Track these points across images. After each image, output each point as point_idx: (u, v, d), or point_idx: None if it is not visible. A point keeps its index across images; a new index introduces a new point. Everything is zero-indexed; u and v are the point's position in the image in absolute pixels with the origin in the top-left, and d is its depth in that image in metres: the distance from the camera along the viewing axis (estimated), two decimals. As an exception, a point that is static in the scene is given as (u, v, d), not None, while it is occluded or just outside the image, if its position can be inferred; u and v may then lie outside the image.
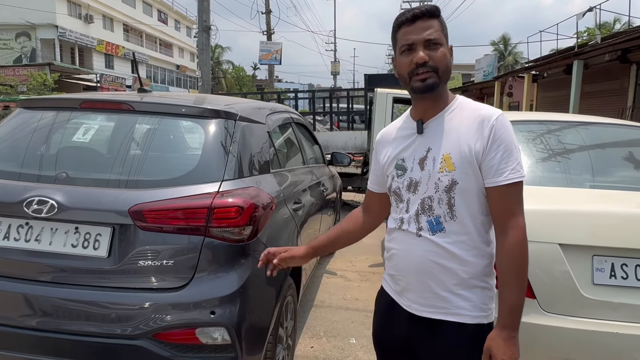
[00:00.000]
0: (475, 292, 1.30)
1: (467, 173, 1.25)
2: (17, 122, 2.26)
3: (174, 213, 1.84)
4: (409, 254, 1.34)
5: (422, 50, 1.25)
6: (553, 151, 2.68)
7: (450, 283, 1.29)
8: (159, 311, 1.81)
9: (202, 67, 8.17)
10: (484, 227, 1.30)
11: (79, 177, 1.97)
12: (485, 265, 1.30)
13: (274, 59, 20.90)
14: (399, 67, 1.32)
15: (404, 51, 1.28)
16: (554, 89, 15.16)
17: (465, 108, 1.32)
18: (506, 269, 1.24)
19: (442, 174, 1.26)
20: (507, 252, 1.23)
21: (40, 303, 1.85)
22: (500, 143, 1.23)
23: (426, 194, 1.29)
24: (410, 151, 1.35)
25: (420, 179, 1.31)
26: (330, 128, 8.17)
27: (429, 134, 1.32)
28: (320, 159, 4.46)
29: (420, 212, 1.30)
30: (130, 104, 2.16)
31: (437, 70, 1.26)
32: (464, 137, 1.26)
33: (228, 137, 2.13)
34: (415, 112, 1.38)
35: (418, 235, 1.31)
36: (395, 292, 1.43)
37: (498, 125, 1.24)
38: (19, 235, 1.89)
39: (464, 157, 1.25)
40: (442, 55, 1.26)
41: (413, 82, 1.28)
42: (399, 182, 1.36)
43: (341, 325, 3.37)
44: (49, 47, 29.61)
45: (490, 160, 1.23)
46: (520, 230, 1.23)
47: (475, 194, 1.27)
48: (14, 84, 21.43)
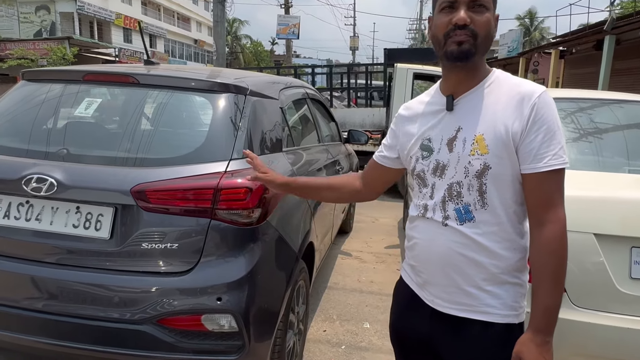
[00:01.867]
0: (506, 288, 1.17)
1: (501, 157, 1.10)
2: (20, 94, 2.17)
3: (178, 194, 1.74)
4: (432, 244, 1.21)
5: (465, 10, 1.10)
6: (586, 131, 2.48)
7: (478, 278, 1.16)
8: (163, 296, 1.73)
9: (216, 39, 7.95)
10: (517, 217, 1.16)
11: (80, 154, 1.87)
12: (518, 259, 1.17)
13: (292, 33, 20.48)
14: (434, 27, 1.17)
15: (443, 8, 1.13)
16: (582, 66, 14.53)
17: (504, 83, 1.16)
18: (542, 266, 1.10)
19: (473, 157, 1.12)
20: (544, 247, 1.09)
21: (41, 284, 1.79)
22: (542, 124, 1.08)
23: (454, 179, 1.16)
24: (437, 130, 1.20)
25: (448, 162, 1.17)
26: (347, 105, 7.95)
27: (459, 111, 1.17)
28: (337, 137, 4.31)
29: (448, 199, 1.17)
30: (135, 77, 2.04)
31: (477, 36, 1.10)
32: (500, 116, 1.11)
33: (238, 113, 2.00)
34: (446, 86, 1.22)
35: (444, 224, 1.18)
36: (416, 284, 1.31)
37: (541, 103, 1.09)
38: (19, 214, 1.82)
39: (499, 138, 1.10)
40: (486, 20, 1.11)
41: (447, 45, 1.12)
42: (423, 165, 1.22)
43: (355, 308, 3.28)
44: (68, 20, 29.64)
45: (530, 143, 1.09)
46: (560, 224, 1.09)
47: (509, 180, 1.13)
48: (34, 58, 21.54)
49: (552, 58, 14.98)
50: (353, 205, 5.06)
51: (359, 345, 2.80)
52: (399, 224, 5.48)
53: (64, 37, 24.66)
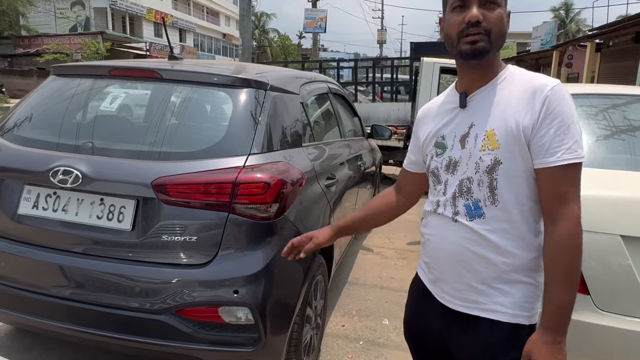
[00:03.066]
0: (518, 287, 1.14)
1: (512, 152, 1.08)
2: (49, 89, 2.24)
3: (197, 187, 1.77)
4: (443, 240, 1.20)
5: (477, 7, 1.08)
6: (618, 129, 2.38)
7: (488, 275, 1.14)
8: (182, 287, 1.77)
9: (242, 33, 8.01)
10: (532, 215, 1.12)
11: (105, 147, 1.93)
12: (532, 258, 1.13)
13: (319, 27, 20.42)
14: (447, 27, 1.15)
15: (455, 7, 1.12)
16: (619, 59, 13.95)
17: (517, 78, 1.14)
18: (555, 262, 1.07)
19: (483, 152, 1.11)
20: (557, 243, 1.06)
21: (66, 273, 1.85)
22: (554, 117, 1.05)
23: (465, 175, 1.14)
24: (451, 127, 1.20)
25: (460, 158, 1.16)
26: (372, 99, 7.89)
27: (472, 108, 1.17)
28: (360, 132, 4.28)
29: (458, 195, 1.16)
30: (158, 72, 2.08)
31: (490, 33, 1.09)
32: (511, 110, 1.09)
33: (257, 108, 2.01)
34: (461, 84, 1.21)
35: (454, 220, 1.16)
36: (429, 280, 1.30)
37: (553, 96, 1.06)
38: (47, 205, 1.89)
39: (509, 133, 1.08)
40: (499, 17, 1.10)
41: (461, 45, 1.11)
42: (437, 162, 1.22)
43: (374, 304, 3.27)
44: (102, 15, 30.45)
45: (542, 137, 1.06)
46: (573, 220, 1.06)
47: (522, 176, 1.10)
48: (70, 52, 22.26)
49: (587, 51, 14.47)
50: (376, 200, 5.02)
51: (377, 341, 2.80)
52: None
53: (97, 32, 25.39)
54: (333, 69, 8.66)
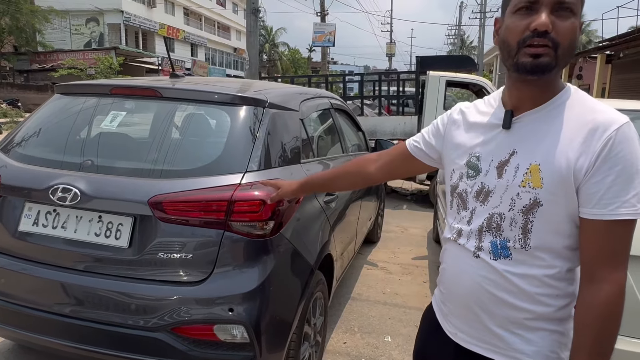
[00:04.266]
0: (542, 335, 1.00)
1: (557, 194, 0.93)
2: (53, 107, 2.29)
3: (193, 205, 1.78)
4: (460, 275, 1.08)
5: (547, 13, 0.90)
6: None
7: (509, 321, 1.01)
8: (178, 305, 1.77)
9: (249, 49, 8.12)
10: (567, 264, 0.98)
11: (104, 165, 1.95)
12: (560, 307, 1.00)
13: (328, 41, 20.62)
14: (505, 32, 0.97)
15: (520, 8, 0.94)
16: (631, 71, 13.82)
17: (577, 105, 0.97)
18: (586, 328, 0.93)
19: (523, 188, 0.96)
20: (593, 308, 0.92)
21: (63, 289, 1.87)
22: (615, 164, 0.89)
23: (497, 209, 1.00)
24: (489, 148, 1.04)
25: (494, 188, 1.01)
26: (379, 113, 7.91)
27: (518, 132, 1.00)
28: (364, 146, 4.29)
29: (485, 229, 1.02)
30: (157, 91, 2.11)
31: (558, 47, 0.92)
32: (564, 145, 0.93)
33: (255, 126, 2.03)
34: (509, 98, 1.03)
35: (475, 255, 1.03)
36: (441, 313, 1.18)
37: (619, 138, 0.89)
38: (47, 222, 1.91)
39: (557, 172, 0.93)
40: (571, 28, 0.92)
41: (520, 56, 0.94)
42: (467, 185, 1.06)
43: (377, 321, 3.23)
44: (115, 31, 31.10)
45: (596, 184, 0.90)
46: (617, 286, 0.91)
47: (562, 223, 0.95)
48: (84, 67, 22.70)
49: (597, 63, 14.36)
50: (381, 214, 5.01)
51: (379, 359, 2.76)
52: (428, 234, 5.37)
53: (110, 48, 25.92)
54: (340, 83, 8.72)
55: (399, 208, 6.98)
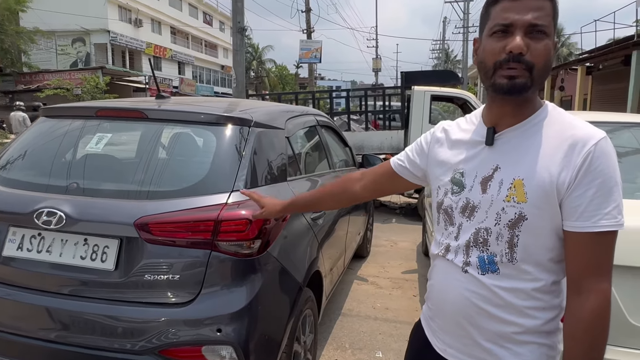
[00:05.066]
0: (531, 349, 1.02)
1: (541, 208, 0.96)
2: (38, 130, 2.28)
3: (179, 226, 1.78)
4: (448, 290, 1.10)
5: (522, 36, 0.94)
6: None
7: (498, 335, 1.03)
8: (165, 327, 1.75)
9: (236, 68, 8.20)
10: (553, 276, 1.01)
11: (89, 187, 1.95)
12: (548, 320, 1.02)
13: (314, 57, 20.85)
14: (483, 53, 1.01)
15: (496, 32, 0.98)
16: (610, 82, 14.17)
17: (556, 121, 1.01)
18: (574, 340, 0.95)
19: (508, 203, 0.98)
20: (579, 321, 0.94)
21: (49, 314, 1.85)
22: (595, 177, 0.93)
23: (483, 224, 1.02)
24: (473, 165, 1.07)
25: (479, 204, 1.03)
26: (365, 128, 8.00)
27: (500, 148, 1.03)
28: (351, 162, 4.32)
29: (472, 244, 1.04)
30: (143, 112, 2.12)
31: (533, 68, 0.95)
32: (546, 160, 0.96)
33: (241, 145, 2.05)
34: (489, 116, 1.07)
35: (464, 270, 1.05)
36: (430, 329, 1.20)
37: (597, 153, 0.93)
38: (32, 246, 1.89)
39: (540, 186, 0.95)
40: (545, 49, 0.96)
41: (497, 77, 0.98)
42: (452, 201, 1.09)
43: (368, 336, 3.23)
44: (102, 51, 31.08)
45: (578, 197, 0.93)
46: (602, 297, 0.94)
47: (547, 236, 0.98)
48: (70, 88, 22.58)
49: (578, 75, 14.71)
50: (370, 229, 5.03)
51: (370, 375, 2.75)
52: (417, 248, 5.39)
53: (97, 67, 25.86)
54: (327, 99, 8.80)
55: (388, 222, 7.01)
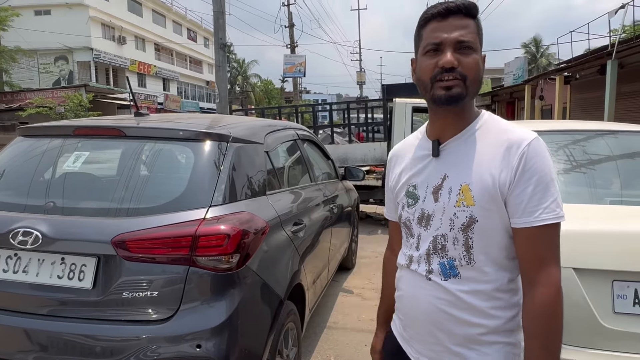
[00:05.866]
0: (496, 348, 1.08)
1: (489, 209, 1.03)
2: (14, 150, 2.28)
3: (157, 242, 1.78)
4: (416, 299, 1.15)
5: (452, 52, 1.03)
6: (572, 164, 2.49)
7: (466, 337, 1.08)
8: (145, 344, 1.75)
9: (219, 83, 8.25)
10: (509, 274, 1.07)
11: (66, 206, 1.95)
12: (509, 318, 1.08)
13: (298, 72, 21.03)
14: (419, 70, 1.10)
15: (428, 51, 1.07)
16: (588, 91, 14.54)
17: (492, 128, 1.09)
18: (534, 332, 1.01)
19: (458, 208, 1.05)
20: (535, 311, 1.01)
21: (27, 336, 1.83)
22: (532, 175, 1.00)
23: (439, 231, 1.09)
24: (423, 177, 1.14)
25: (433, 212, 1.10)
26: (349, 140, 8.07)
27: (446, 158, 1.11)
28: (333, 174, 4.36)
29: (432, 252, 1.10)
30: (121, 130, 2.14)
31: (466, 79, 1.04)
32: (487, 164, 1.04)
33: (219, 160, 2.07)
34: (432, 130, 1.16)
35: (428, 278, 1.11)
36: (402, 338, 1.24)
37: (531, 152, 1.01)
38: (8, 267, 1.88)
39: (485, 189, 1.03)
40: (474, 62, 1.05)
41: (435, 90, 1.06)
42: (409, 213, 1.16)
43: (353, 349, 3.23)
44: (85, 69, 30.91)
45: (519, 195, 1.01)
46: (553, 286, 1.00)
47: (499, 235, 1.05)
48: (53, 106, 22.37)
49: (557, 84, 15.05)
50: (355, 241, 5.05)
51: (355, 387, 2.75)
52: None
53: (80, 85, 25.65)
54: (310, 112, 8.87)
55: (374, 233, 7.04)
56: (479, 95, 27.45)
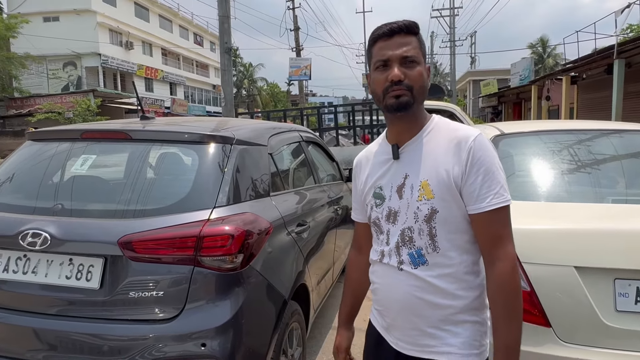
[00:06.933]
0: (466, 327, 1.20)
1: (447, 200, 1.17)
2: (24, 154, 2.33)
3: (162, 243, 1.82)
4: (391, 289, 1.26)
5: (398, 67, 1.18)
6: (578, 163, 2.49)
7: (437, 319, 1.20)
8: (151, 343, 1.78)
9: (224, 87, 8.31)
10: (471, 257, 1.21)
11: (74, 208, 1.99)
12: (475, 297, 1.21)
13: (304, 75, 21.11)
14: (373, 84, 1.24)
15: (378, 67, 1.21)
16: (595, 91, 14.46)
17: (442, 129, 1.24)
18: (497, 303, 1.15)
19: (420, 202, 1.18)
20: (497, 284, 1.15)
21: (36, 335, 1.87)
22: (480, 166, 1.15)
23: (406, 224, 1.21)
24: (387, 178, 1.28)
25: (399, 209, 1.23)
26: (354, 142, 8.08)
27: (405, 159, 1.25)
28: (338, 176, 4.38)
29: (401, 244, 1.23)
30: (127, 133, 2.18)
31: (412, 89, 1.19)
32: (441, 161, 1.18)
33: (223, 162, 2.10)
34: (391, 135, 1.30)
35: (399, 269, 1.23)
36: (382, 327, 1.35)
37: (477, 146, 1.16)
38: (17, 268, 1.92)
39: (442, 183, 1.17)
40: (418, 74, 1.19)
41: (387, 99, 1.20)
42: (378, 212, 1.29)
43: (359, 349, 3.20)
44: (93, 74, 31.25)
45: (471, 185, 1.15)
46: (509, 261, 1.14)
47: (458, 222, 1.18)
48: (62, 111, 22.64)
49: (563, 84, 14.98)
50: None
51: (360, 387, 2.76)
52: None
53: (88, 90, 25.94)
54: (316, 115, 8.90)
55: (380, 235, 7.04)
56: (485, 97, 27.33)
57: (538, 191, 2.36)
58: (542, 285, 1.79)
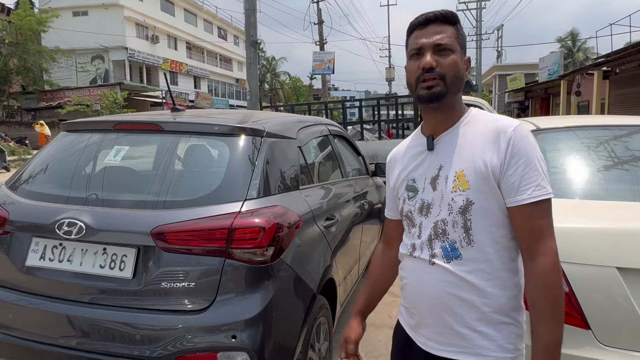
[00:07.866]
0: (500, 328, 1.14)
1: (484, 192, 1.12)
2: (59, 145, 2.37)
3: (194, 234, 1.82)
4: (421, 284, 1.21)
5: (430, 55, 1.15)
6: (616, 160, 2.40)
7: (470, 318, 1.14)
8: (182, 333, 1.79)
9: (250, 80, 8.33)
10: (508, 253, 1.15)
11: (108, 198, 2.02)
12: (511, 297, 1.15)
13: (327, 69, 21.01)
14: (407, 74, 1.22)
15: (412, 55, 1.19)
16: (628, 86, 13.95)
17: (480, 120, 1.20)
18: (537, 300, 1.09)
19: (455, 193, 1.14)
20: (538, 280, 1.08)
21: (69, 322, 1.90)
22: (520, 157, 1.10)
23: (439, 217, 1.16)
24: (421, 170, 1.24)
25: (432, 201, 1.18)
26: (379, 137, 8.02)
27: (440, 150, 1.21)
28: (364, 170, 4.34)
29: (434, 237, 1.17)
30: (158, 124, 2.19)
31: (445, 78, 1.14)
32: (478, 151, 1.14)
33: (254, 155, 2.09)
34: (426, 127, 1.26)
35: (431, 263, 1.18)
36: (410, 326, 1.30)
37: (517, 136, 1.11)
38: (54, 256, 1.96)
39: (479, 173, 1.12)
40: (452, 62, 1.15)
41: (419, 90, 1.17)
42: (410, 205, 1.24)
43: (384, 345, 3.21)
44: (120, 68, 31.85)
45: (510, 176, 1.10)
46: (551, 255, 1.08)
47: (495, 215, 1.12)
48: (90, 104, 23.19)
49: (595, 79, 14.51)
50: (385, 237, 5.00)
51: (386, 383, 2.74)
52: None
53: (115, 83, 26.51)
54: (340, 109, 8.86)
55: (404, 230, 6.98)
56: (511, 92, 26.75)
57: (573, 188, 2.28)
58: (581, 286, 1.73)
